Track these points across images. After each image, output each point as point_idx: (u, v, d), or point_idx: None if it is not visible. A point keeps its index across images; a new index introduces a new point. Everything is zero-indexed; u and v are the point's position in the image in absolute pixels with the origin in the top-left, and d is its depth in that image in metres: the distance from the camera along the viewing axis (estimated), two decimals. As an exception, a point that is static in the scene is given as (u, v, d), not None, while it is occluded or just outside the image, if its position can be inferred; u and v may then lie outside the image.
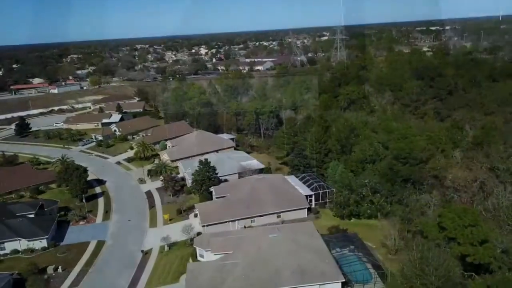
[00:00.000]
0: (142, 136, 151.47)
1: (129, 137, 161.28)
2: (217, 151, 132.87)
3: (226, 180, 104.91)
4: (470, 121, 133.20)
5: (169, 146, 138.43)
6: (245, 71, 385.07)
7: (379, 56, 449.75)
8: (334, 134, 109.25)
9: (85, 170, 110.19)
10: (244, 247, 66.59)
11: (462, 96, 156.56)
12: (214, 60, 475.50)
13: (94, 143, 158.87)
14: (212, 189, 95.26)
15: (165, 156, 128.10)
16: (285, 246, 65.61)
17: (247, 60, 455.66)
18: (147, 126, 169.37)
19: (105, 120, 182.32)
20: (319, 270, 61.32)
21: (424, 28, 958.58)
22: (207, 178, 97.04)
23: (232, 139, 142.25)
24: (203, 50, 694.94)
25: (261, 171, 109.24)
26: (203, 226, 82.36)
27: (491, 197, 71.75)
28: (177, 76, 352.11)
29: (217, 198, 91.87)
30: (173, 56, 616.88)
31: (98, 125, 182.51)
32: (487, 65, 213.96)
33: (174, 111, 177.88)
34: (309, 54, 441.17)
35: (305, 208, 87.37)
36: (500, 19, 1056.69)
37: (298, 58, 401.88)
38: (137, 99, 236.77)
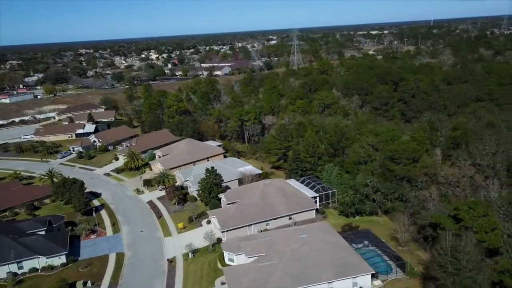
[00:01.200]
0: (126, 146, 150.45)
1: (109, 147, 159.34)
2: (207, 158, 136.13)
3: (227, 187, 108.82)
4: (436, 122, 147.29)
5: (158, 156, 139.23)
6: (203, 76, 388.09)
7: (330, 59, 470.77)
8: (327, 138, 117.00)
9: (82, 184, 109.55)
10: (277, 249, 71.59)
11: (424, 99, 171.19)
12: (169, 65, 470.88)
13: (73, 155, 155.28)
14: (222, 195, 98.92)
15: (158, 166, 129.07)
16: (315, 245, 71.52)
17: (205, 65, 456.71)
18: (126, 135, 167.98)
19: (79, 131, 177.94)
20: (350, 264, 67.85)
21: (365, 32, 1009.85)
22: (215, 185, 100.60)
23: (219, 146, 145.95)
24: (153, 55, 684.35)
25: (259, 176, 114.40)
26: (223, 231, 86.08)
27: (482, 190, 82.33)
28: (136, 82, 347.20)
29: (228, 204, 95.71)
30: (123, 62, 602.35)
31: (72, 136, 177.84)
32: (438, 69, 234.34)
33: (151, 120, 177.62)
34: (263, 59, 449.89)
35: (313, 209, 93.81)
36: (432, 24, 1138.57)
37: (256, 63, 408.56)
38: (103, 107, 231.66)
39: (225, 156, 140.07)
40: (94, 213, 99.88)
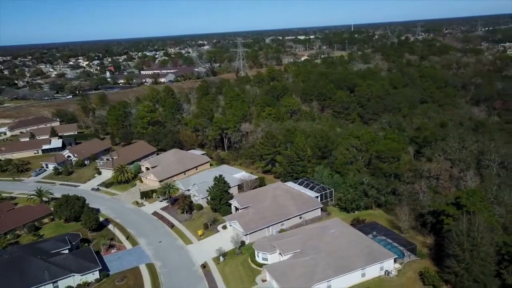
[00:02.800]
0: (107, 159, 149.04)
1: (86, 162, 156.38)
2: (196, 167, 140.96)
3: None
4: (395, 123, 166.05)
5: (145, 168, 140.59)
6: (147, 84, 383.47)
7: (269, 65, 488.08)
8: (314, 143, 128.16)
9: (84, 200, 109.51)
10: (310, 244, 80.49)
11: (379, 102, 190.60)
12: (108, 73, 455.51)
13: (48, 172, 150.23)
14: (233, 201, 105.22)
15: (151, 177, 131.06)
16: (343, 238, 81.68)
17: (146, 72, 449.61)
18: (100, 149, 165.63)
19: (45, 147, 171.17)
20: (376, 252, 78.93)
21: (293, 37, 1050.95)
22: (224, 192, 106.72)
23: (203, 154, 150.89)
24: (83, 62, 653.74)
25: (255, 181, 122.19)
26: (246, 234, 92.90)
27: (460, 181, 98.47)
28: (78, 92, 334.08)
29: (241, 209, 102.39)
30: (51, 70, 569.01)
31: (38, 153, 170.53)
32: (377, 74, 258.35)
33: (123, 132, 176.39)
34: (206, 65, 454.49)
35: (318, 208, 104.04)
36: (352, 29, 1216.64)
37: (201, 69, 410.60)
38: (58, 120, 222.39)
39: (210, 164, 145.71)
40: (113, 228, 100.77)
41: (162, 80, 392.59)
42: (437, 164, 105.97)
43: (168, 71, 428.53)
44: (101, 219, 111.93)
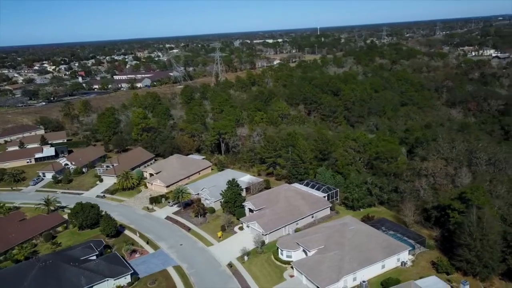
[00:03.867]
0: (107, 166, 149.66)
1: (84, 169, 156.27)
2: (199, 172, 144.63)
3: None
4: (382, 124, 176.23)
5: (149, 174, 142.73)
6: (124, 89, 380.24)
7: (244, 69, 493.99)
8: (315, 146, 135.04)
9: (99, 208, 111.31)
10: (333, 240, 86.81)
11: (363, 106, 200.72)
12: (80, 78, 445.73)
13: (46, 181, 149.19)
14: (248, 203, 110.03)
15: (157, 183, 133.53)
16: (361, 234, 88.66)
17: (120, 77, 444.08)
18: (96, 156, 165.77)
19: (38, 155, 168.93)
20: (393, 245, 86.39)
21: (262, 40, 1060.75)
22: (238, 195, 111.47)
23: (203, 159, 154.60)
24: (48, 67, 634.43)
25: (262, 184, 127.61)
26: (266, 234, 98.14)
27: (456, 178, 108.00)
28: (53, 99, 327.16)
29: (256, 211, 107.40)
30: (16, 75, 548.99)
31: (30, 162, 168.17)
32: (355, 77, 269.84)
33: (117, 138, 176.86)
34: (182, 69, 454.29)
35: (328, 207, 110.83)
36: (318, 32, 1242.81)
37: (178, 74, 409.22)
38: (43, 128, 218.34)
39: (211, 169, 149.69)
40: (137, 233, 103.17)
41: (139, 85, 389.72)
42: (433, 163, 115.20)
43: (144, 75, 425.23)
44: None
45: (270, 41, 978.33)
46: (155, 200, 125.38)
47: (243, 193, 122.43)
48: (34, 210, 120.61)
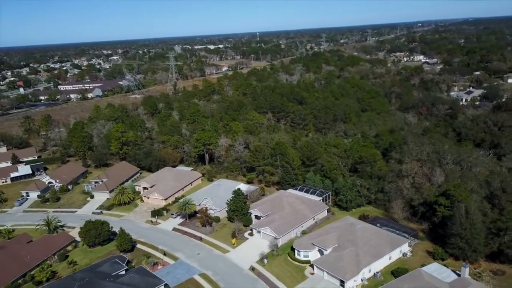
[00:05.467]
0: (96, 182, 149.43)
1: (69, 187, 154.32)
2: (191, 183, 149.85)
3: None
4: (349, 130, 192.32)
5: (143, 187, 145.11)
6: (74, 100, 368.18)
7: (194, 77, 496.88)
8: (301, 153, 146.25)
9: (108, 224, 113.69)
10: (345, 239, 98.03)
11: (328, 113, 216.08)
12: (22, 89, 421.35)
13: (31, 201, 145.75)
14: (254, 210, 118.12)
15: (155, 196, 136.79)
16: (367, 231, 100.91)
17: (66, 87, 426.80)
18: (78, 172, 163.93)
19: (13, 175, 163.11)
20: (395, 239, 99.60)
21: (204, 46, 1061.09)
22: (244, 203, 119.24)
23: (192, 170, 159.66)
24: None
25: (260, 191, 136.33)
26: (278, 238, 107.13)
27: (432, 178, 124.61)
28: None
29: (262, 217, 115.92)
30: None
31: (6, 181, 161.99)
32: (312, 85, 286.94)
33: (98, 153, 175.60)
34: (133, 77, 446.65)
35: (325, 209, 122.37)
36: (258, 38, 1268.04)
37: (130, 83, 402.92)
38: (4, 145, 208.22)
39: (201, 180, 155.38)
40: (159, 246, 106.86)
41: (89, 95, 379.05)
42: (410, 165, 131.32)
43: (94, 85, 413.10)
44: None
45: (212, 47, 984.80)
46: (157, 213, 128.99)
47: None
48: (35, 231, 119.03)
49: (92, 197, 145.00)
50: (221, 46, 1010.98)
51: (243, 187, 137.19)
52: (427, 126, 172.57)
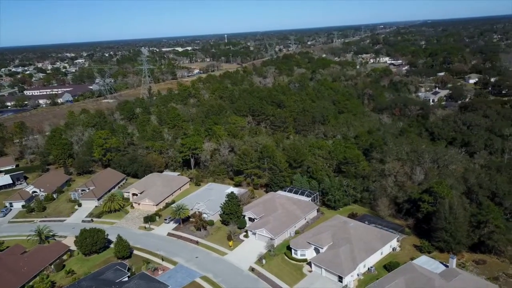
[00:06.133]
0: (82, 190, 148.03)
1: (54, 195, 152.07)
2: (180, 188, 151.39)
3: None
4: (328, 132, 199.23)
5: (132, 194, 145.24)
6: (44, 106, 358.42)
7: (165, 80, 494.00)
8: (287, 155, 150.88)
9: (104, 232, 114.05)
10: (339, 237, 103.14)
11: (307, 115, 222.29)
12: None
13: (15, 211, 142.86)
14: (248, 213, 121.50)
15: (146, 202, 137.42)
16: (359, 229, 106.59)
17: (37, 92, 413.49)
18: (62, 180, 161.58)
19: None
20: (385, 235, 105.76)
21: (172, 48, 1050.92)
22: (238, 206, 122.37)
23: (179, 175, 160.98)
24: None
25: (251, 194, 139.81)
26: (274, 238, 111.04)
27: (413, 175, 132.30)
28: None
29: (256, 219, 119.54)
30: None
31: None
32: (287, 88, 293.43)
33: (81, 161, 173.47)
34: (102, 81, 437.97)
35: (315, 209, 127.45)
36: (226, 40, 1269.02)
37: (101, 87, 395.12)
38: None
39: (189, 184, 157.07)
40: (159, 251, 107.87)
41: (59, 100, 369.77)
42: (392, 164, 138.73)
43: (63, 90, 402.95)
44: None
45: (180, 49, 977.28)
46: (150, 218, 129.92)
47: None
48: (26, 242, 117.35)
49: (80, 205, 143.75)
50: (189, 48, 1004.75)
51: (235, 190, 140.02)
52: (404, 127, 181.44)
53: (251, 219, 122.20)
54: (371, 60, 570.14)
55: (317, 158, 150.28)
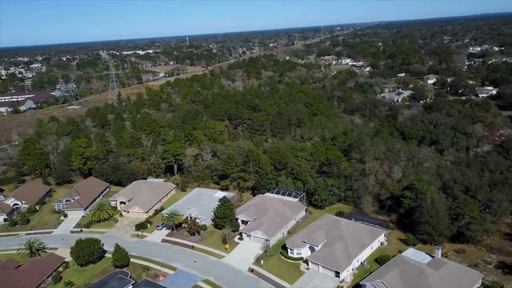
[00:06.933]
0: (67, 201, 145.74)
1: (36, 207, 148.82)
2: (167, 194, 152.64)
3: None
4: (305, 134, 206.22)
5: (119, 202, 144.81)
6: (4, 114, 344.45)
7: (132, 84, 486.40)
8: (272, 158, 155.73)
9: (100, 241, 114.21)
10: (332, 234, 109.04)
11: (283, 119, 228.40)
12: None
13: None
14: (241, 216, 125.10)
15: (136, 210, 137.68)
16: (350, 226, 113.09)
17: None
18: (43, 191, 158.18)
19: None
20: (374, 231, 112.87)
21: (132, 52, 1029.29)
22: (230, 210, 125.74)
23: (164, 181, 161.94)
24: None
25: (240, 197, 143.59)
26: (269, 239, 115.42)
27: (392, 174, 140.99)
28: None
29: (251, 221, 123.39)
30: None
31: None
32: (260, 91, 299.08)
33: (61, 171, 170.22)
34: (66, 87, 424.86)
35: (304, 209, 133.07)
36: (188, 42, 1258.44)
37: (56, 93, 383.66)
38: None
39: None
40: (160, 258, 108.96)
41: (22, 108, 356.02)
42: (372, 164, 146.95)
43: (25, 96, 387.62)
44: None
45: (141, 52, 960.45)
46: (142, 226, 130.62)
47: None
48: (17, 256, 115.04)
49: (65, 215, 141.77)
50: (150, 51, 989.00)
51: (222, 194, 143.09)
52: (378, 128, 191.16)
53: (244, 222, 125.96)
54: (334, 62, 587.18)
55: (300, 160, 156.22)
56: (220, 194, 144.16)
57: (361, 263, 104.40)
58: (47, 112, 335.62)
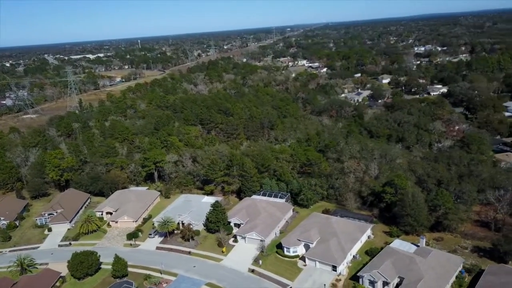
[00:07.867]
0: (49, 214, 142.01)
1: (16, 223, 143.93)
2: (153, 202, 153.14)
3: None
4: (279, 136, 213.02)
5: (106, 212, 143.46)
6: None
7: (88, 90, 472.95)
8: (255, 161, 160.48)
9: (97, 253, 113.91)
10: (325, 232, 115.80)
11: (256, 122, 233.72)
12: None
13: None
14: (234, 219, 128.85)
15: (125, 219, 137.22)
16: (340, 222, 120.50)
17: None
18: (20, 206, 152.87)
19: None
20: (362, 226, 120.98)
21: (82, 56, 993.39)
22: (223, 214, 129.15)
23: (147, 189, 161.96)
24: None
25: (228, 201, 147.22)
26: (263, 240, 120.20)
27: (369, 171, 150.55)
28: None
29: (244, 224, 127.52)
30: None
31: None
32: (228, 95, 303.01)
33: (36, 184, 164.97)
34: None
35: (291, 209, 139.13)
36: (139, 45, 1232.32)
37: (7, 101, 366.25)
38: None
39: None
40: (161, 265, 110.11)
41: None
42: (350, 163, 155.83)
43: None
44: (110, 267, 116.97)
45: (91, 56, 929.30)
46: (133, 235, 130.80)
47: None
48: (9, 273, 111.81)
49: (50, 229, 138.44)
50: (101, 55, 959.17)
51: (211, 199, 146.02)
52: (349, 128, 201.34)
53: (236, 225, 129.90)
54: (290, 64, 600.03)
55: (282, 161, 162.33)
56: (207, 199, 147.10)
57: (354, 256, 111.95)
58: (1, 122, 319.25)
